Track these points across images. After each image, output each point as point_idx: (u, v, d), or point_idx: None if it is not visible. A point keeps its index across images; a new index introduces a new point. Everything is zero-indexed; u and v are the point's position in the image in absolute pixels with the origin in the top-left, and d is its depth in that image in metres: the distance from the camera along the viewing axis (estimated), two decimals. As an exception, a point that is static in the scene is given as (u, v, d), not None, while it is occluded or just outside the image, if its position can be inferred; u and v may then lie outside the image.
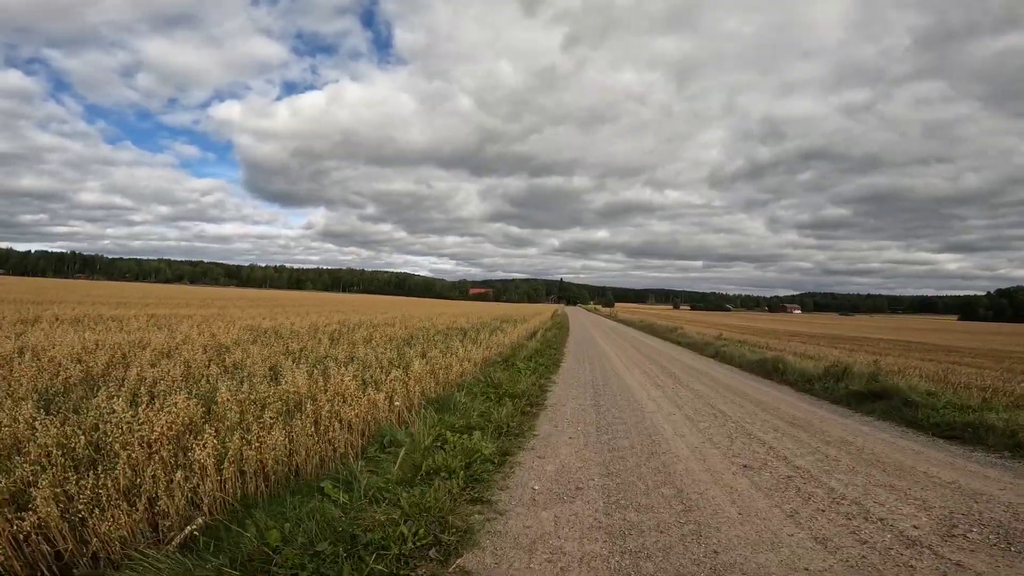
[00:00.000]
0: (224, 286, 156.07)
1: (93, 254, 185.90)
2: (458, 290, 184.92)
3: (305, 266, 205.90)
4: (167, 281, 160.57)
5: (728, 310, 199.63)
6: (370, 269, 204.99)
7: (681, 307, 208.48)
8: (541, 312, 43.82)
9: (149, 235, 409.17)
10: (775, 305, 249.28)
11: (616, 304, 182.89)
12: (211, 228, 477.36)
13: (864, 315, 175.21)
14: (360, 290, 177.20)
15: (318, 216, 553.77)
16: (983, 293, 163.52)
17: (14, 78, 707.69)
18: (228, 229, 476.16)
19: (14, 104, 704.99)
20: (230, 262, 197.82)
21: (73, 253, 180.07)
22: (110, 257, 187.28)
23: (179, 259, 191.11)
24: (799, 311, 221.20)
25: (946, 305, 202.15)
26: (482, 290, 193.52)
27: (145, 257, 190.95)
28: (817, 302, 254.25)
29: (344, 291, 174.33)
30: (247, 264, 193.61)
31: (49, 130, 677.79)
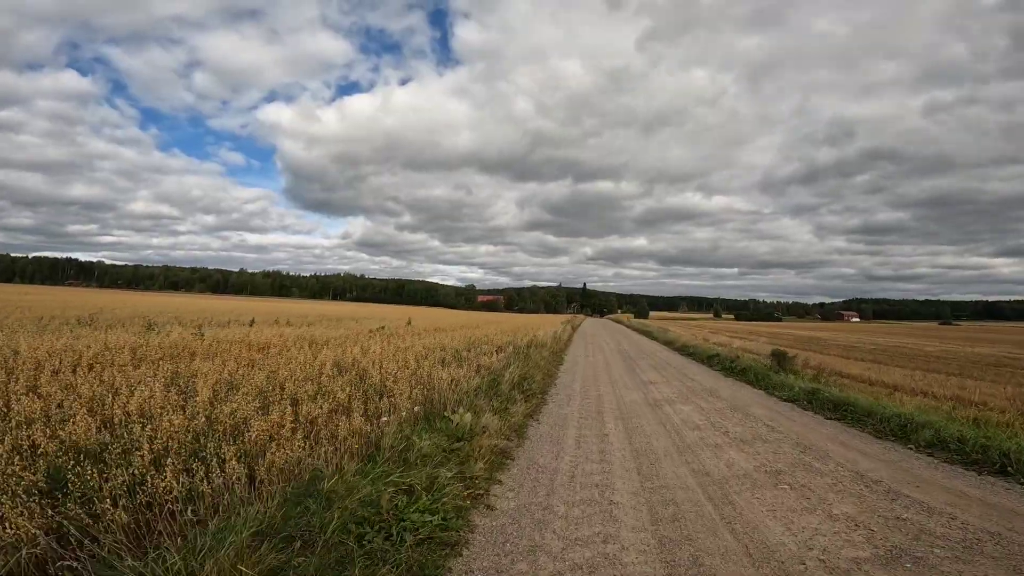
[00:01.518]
0: (200, 292, 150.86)
1: (94, 260, 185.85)
2: (464, 297, 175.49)
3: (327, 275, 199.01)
4: (161, 289, 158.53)
5: (778, 319, 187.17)
6: (395, 278, 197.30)
7: (724, 316, 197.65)
8: (538, 326, 34.94)
9: (191, 244, 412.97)
10: (829, 313, 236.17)
11: (649, 313, 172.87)
12: (252, 238, 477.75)
13: (960, 323, 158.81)
14: (353, 298, 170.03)
15: (356, 225, 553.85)
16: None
17: (70, 79, 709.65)
18: (269, 239, 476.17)
19: (70, 108, 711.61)
20: (231, 268, 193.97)
21: (68, 259, 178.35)
22: (109, 262, 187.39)
23: (186, 266, 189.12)
24: (857, 319, 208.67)
25: (1014, 311, 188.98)
26: (492, 297, 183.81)
27: (175, 265, 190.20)
28: (874, 309, 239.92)
29: (336, 299, 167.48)
30: (275, 271, 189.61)
31: (103, 136, 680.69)
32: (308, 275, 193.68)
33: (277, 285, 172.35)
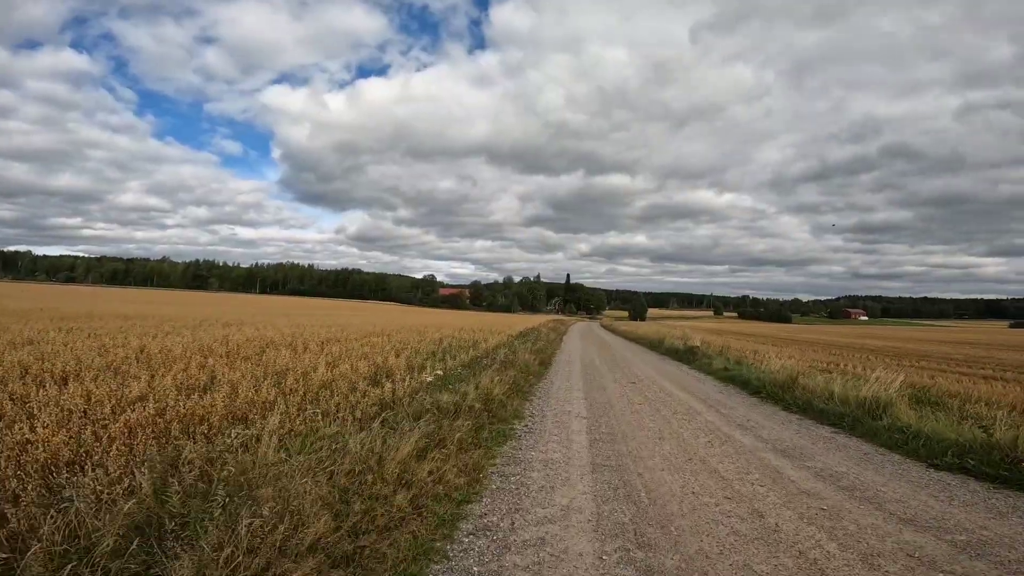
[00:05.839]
0: (93, 284, 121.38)
1: (15, 250, 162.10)
2: (421, 290, 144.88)
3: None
4: (104, 283, 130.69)
5: (787, 319, 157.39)
6: (392, 272, 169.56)
7: (725, 314, 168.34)
8: None
9: (178, 238, 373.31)
10: (837, 311, 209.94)
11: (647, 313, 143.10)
12: (244, 231, 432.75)
13: (969, 321, 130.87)
14: (290, 290, 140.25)
15: (354, 219, 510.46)
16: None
17: (67, 58, 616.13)
18: (261, 232, 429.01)
19: (64, 90, 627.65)
20: (180, 260, 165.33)
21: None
22: (38, 254, 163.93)
23: (144, 257, 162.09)
24: (865, 317, 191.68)
25: (1017, 309, 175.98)
26: (455, 291, 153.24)
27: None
28: (883, 308, 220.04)
29: (267, 292, 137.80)
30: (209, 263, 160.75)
31: (95, 122, 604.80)
32: (233, 264, 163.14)
33: (190, 275, 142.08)
